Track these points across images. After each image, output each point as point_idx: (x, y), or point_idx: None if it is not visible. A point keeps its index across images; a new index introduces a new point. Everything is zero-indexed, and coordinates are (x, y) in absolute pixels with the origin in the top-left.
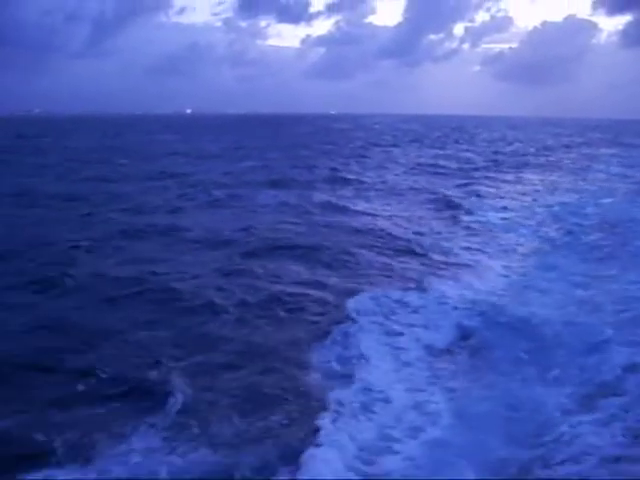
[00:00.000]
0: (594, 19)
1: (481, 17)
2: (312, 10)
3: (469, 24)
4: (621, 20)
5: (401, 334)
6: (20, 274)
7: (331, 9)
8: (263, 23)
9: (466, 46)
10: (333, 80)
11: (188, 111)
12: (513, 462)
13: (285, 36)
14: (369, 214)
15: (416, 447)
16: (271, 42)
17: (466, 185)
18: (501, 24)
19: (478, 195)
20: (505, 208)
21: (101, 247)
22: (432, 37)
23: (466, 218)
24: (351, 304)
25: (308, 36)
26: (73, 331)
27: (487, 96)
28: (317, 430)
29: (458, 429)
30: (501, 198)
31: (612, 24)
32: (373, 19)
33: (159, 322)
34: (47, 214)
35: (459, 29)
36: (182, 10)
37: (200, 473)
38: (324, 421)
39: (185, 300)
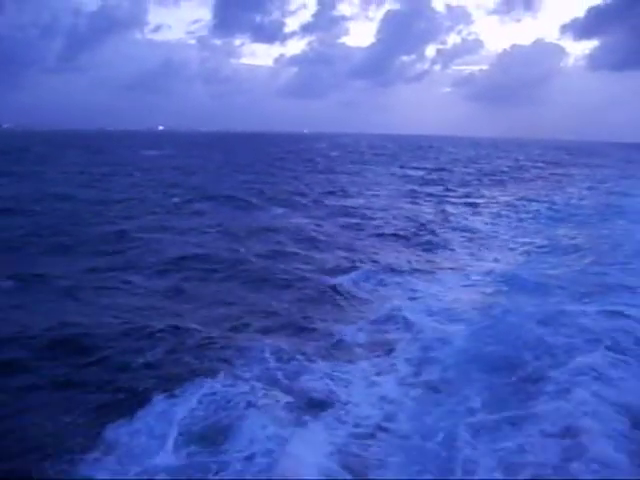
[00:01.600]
0: (562, 43)
1: (452, 39)
2: (287, 30)
3: (441, 46)
4: (588, 45)
5: None
6: None
7: (305, 29)
8: (238, 42)
9: (437, 67)
10: (306, 99)
11: (160, 128)
12: None
13: (259, 55)
14: None
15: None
16: (245, 61)
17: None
18: (472, 46)
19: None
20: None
21: None
22: (404, 58)
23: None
24: None
25: (281, 55)
26: None
27: (457, 117)
28: None
29: None
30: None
31: (579, 48)
32: (346, 40)
33: None
34: None
35: (431, 51)
36: (157, 28)
37: None
38: None
39: None
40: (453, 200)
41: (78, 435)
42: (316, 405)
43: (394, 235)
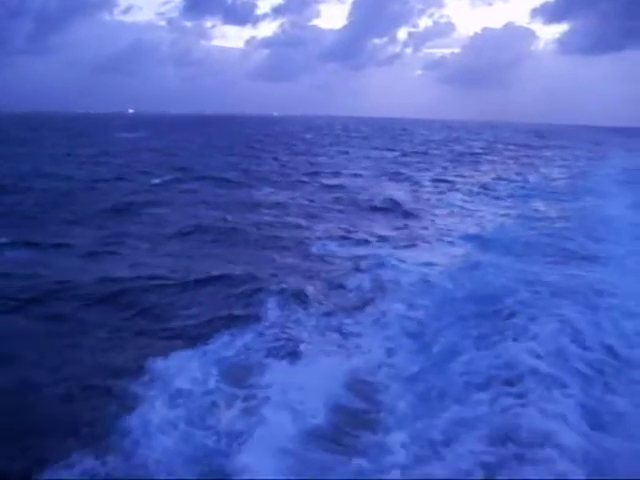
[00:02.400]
0: (532, 27)
1: (424, 22)
2: (258, 12)
3: (412, 29)
4: (558, 29)
5: None
6: None
7: (277, 11)
8: (209, 24)
9: (409, 50)
10: (277, 82)
11: (130, 111)
12: None
13: (230, 37)
14: None
15: None
16: (216, 43)
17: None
18: (443, 30)
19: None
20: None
21: None
22: (376, 41)
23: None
24: None
25: (253, 37)
26: None
27: (429, 100)
28: None
29: None
30: None
31: (549, 32)
32: (318, 22)
33: None
34: None
35: (402, 34)
36: (128, 9)
37: None
38: None
39: None
40: (429, 179)
41: (130, 367)
42: (327, 345)
43: (377, 208)
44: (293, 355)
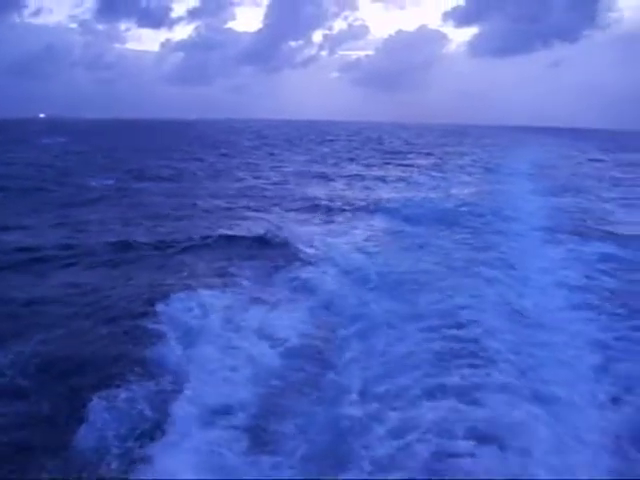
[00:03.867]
0: (444, 30)
1: (339, 25)
2: (174, 15)
3: (327, 32)
4: (468, 32)
5: None
6: None
7: (192, 14)
8: (123, 27)
9: (325, 53)
10: (193, 85)
11: (42, 115)
12: None
13: (145, 40)
14: None
15: None
16: (130, 46)
17: None
18: (358, 32)
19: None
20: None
21: None
22: (292, 44)
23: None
24: None
25: (168, 40)
26: None
27: (346, 102)
28: None
29: None
30: None
31: (461, 35)
32: (234, 25)
33: None
34: None
35: (318, 36)
36: (38, 11)
37: None
38: None
39: None
40: (344, 177)
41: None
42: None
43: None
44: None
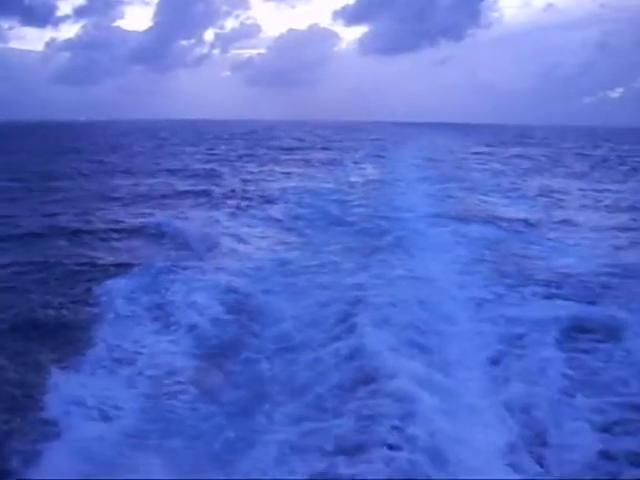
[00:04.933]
0: (334, 28)
1: (230, 24)
2: (59, 14)
3: (219, 30)
4: (358, 30)
5: None
6: None
7: (79, 13)
8: (6, 25)
9: (217, 52)
10: (80, 85)
11: None
12: None
13: (29, 39)
14: None
15: None
16: (13, 45)
17: None
18: (250, 31)
19: None
20: None
21: None
22: (183, 42)
23: None
24: None
25: (53, 39)
26: None
27: (239, 101)
28: None
29: None
30: None
31: (351, 33)
32: (122, 23)
33: None
34: None
35: (209, 35)
36: None
37: None
38: None
39: None
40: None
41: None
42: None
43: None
44: None
